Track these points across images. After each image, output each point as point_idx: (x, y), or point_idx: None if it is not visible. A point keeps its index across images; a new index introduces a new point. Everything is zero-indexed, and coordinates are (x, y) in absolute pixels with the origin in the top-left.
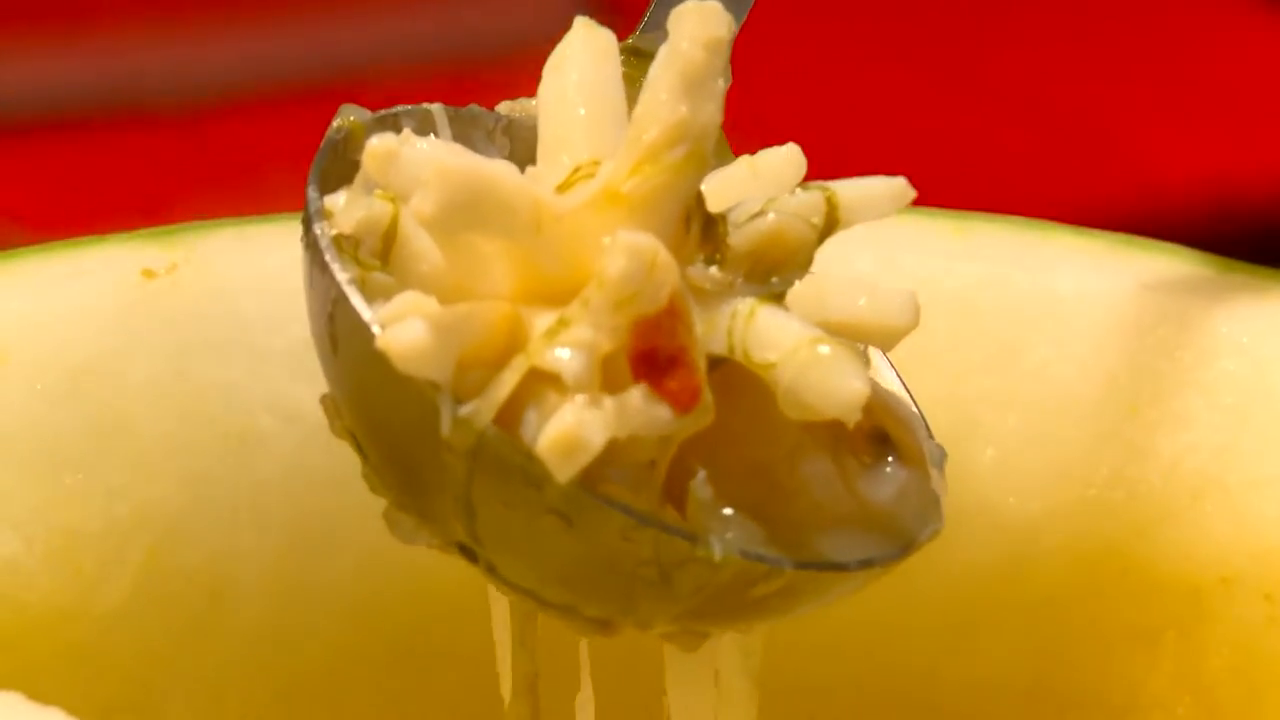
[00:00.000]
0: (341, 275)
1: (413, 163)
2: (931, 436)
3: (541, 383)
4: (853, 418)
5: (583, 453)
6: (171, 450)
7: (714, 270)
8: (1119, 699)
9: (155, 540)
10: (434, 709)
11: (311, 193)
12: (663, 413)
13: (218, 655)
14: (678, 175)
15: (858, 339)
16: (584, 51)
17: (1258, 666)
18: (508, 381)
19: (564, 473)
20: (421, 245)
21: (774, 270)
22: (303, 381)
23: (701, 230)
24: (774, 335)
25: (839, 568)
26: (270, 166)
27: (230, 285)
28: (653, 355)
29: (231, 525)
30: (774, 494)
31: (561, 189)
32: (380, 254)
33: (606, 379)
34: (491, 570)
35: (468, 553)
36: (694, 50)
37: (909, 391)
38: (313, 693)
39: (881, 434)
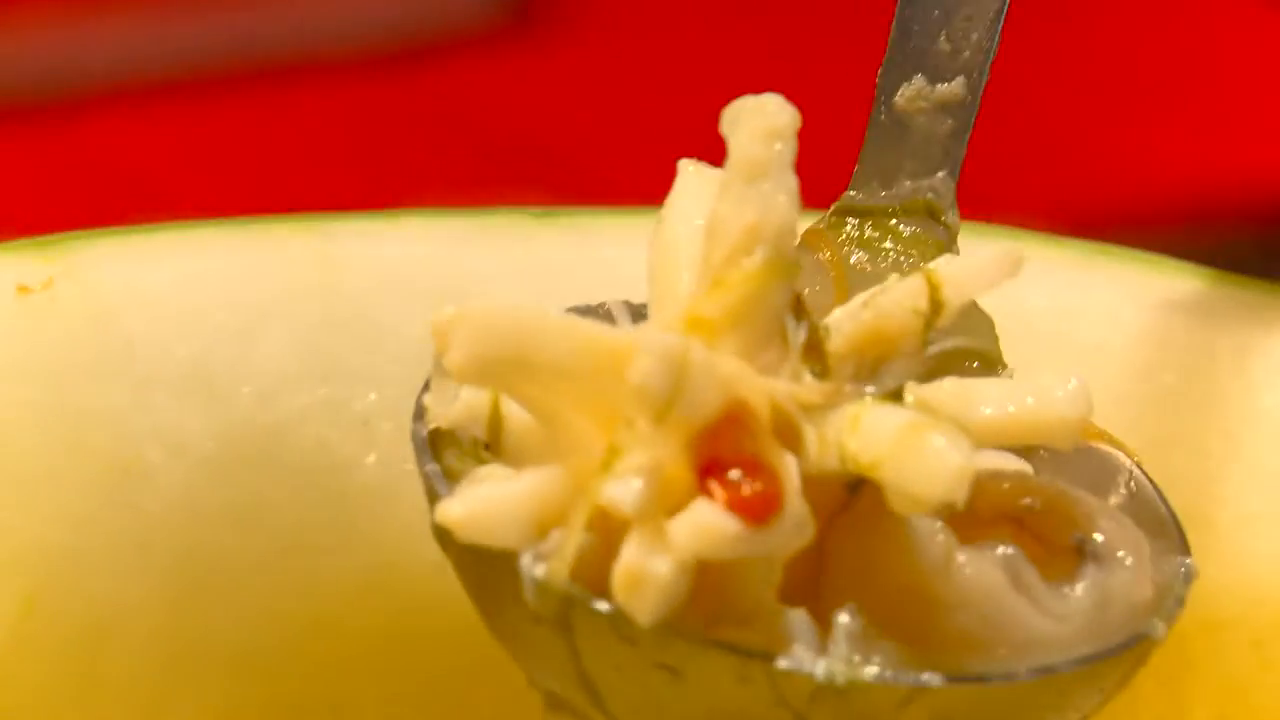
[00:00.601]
0: (429, 467)
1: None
2: (1187, 551)
3: (618, 523)
4: (957, 497)
5: (652, 588)
6: (49, 485)
7: (816, 380)
8: None
9: (33, 584)
10: None
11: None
12: (732, 526)
13: (98, 711)
14: (759, 284)
15: (1026, 440)
16: (688, 199)
17: (1245, 719)
18: (575, 527)
19: (645, 616)
20: (524, 422)
21: (882, 368)
22: (192, 409)
23: (806, 340)
24: (878, 431)
25: (1006, 679)
26: (158, 169)
27: (113, 302)
28: (719, 468)
29: (115, 567)
30: (930, 611)
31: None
32: (493, 443)
33: (682, 503)
34: None
35: None
36: (753, 147)
37: (1165, 502)
38: None
39: (1082, 544)
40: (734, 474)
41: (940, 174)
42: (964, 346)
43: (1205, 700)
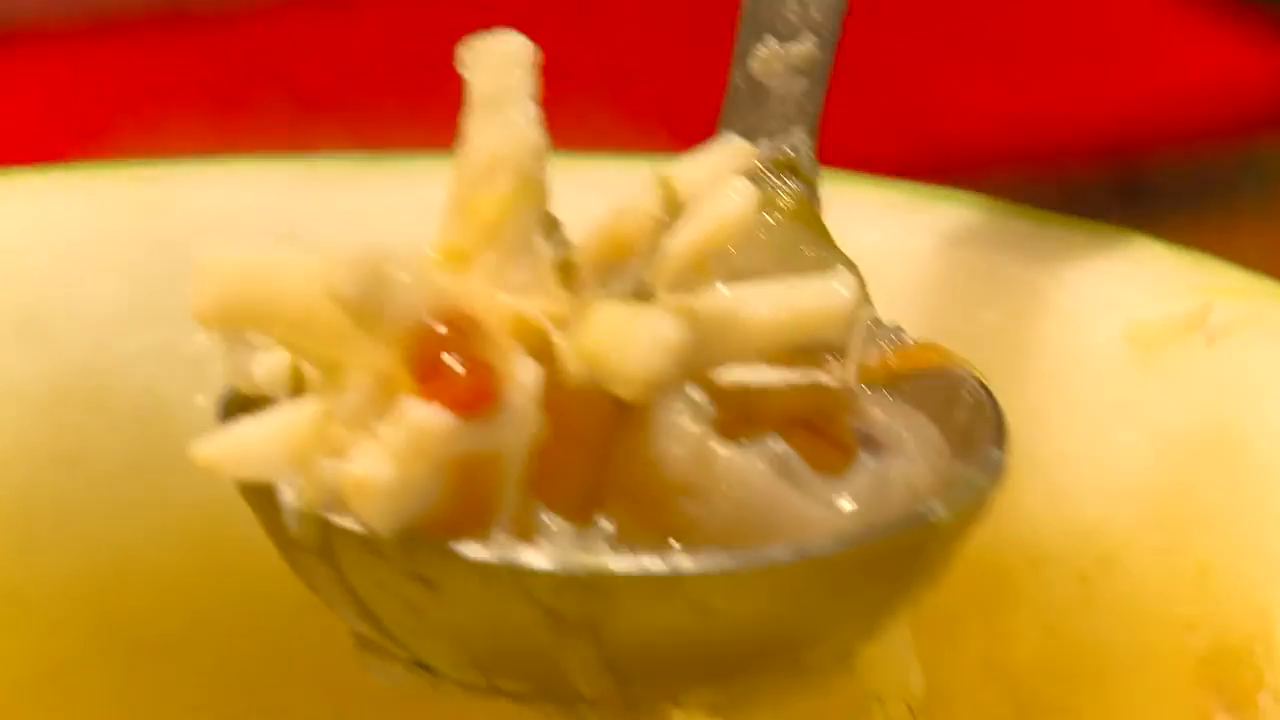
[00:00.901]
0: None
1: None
2: (999, 445)
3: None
4: (669, 370)
5: (378, 494)
6: None
7: (568, 294)
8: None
9: None
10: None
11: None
12: (441, 419)
13: None
14: (505, 209)
15: (803, 336)
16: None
17: (1070, 652)
18: (315, 449)
19: (380, 524)
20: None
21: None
22: (21, 354)
23: (557, 259)
24: (600, 325)
25: (763, 562)
26: None
27: None
28: (438, 373)
29: None
30: (693, 505)
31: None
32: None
33: None
34: (436, 672)
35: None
36: (490, 78)
37: (996, 408)
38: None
39: (865, 437)
40: (448, 373)
41: (797, 131)
42: None
43: (1030, 632)
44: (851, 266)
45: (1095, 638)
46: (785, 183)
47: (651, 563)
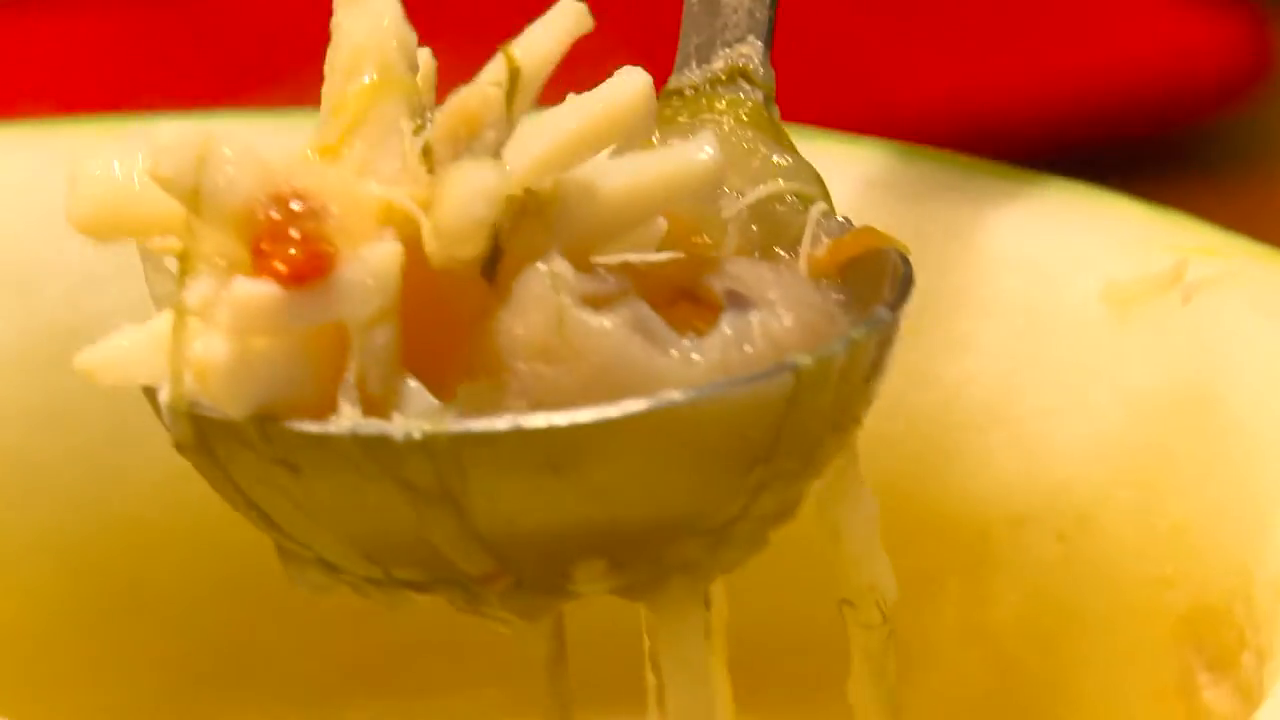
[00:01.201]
0: None
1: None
2: (894, 307)
3: None
4: (488, 214)
5: (219, 375)
6: None
7: (430, 177)
8: (899, 651)
9: None
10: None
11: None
12: (267, 291)
13: None
14: (369, 101)
15: (668, 201)
16: None
17: (1050, 613)
18: (170, 347)
19: (230, 405)
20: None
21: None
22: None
23: (421, 146)
24: (437, 189)
25: (616, 412)
26: None
27: None
28: (269, 250)
29: None
30: (551, 368)
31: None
32: None
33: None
34: (340, 570)
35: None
36: None
37: (907, 265)
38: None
39: (730, 295)
40: (278, 248)
41: (750, 39)
42: (784, 189)
43: (1009, 594)
44: (810, 168)
45: (1075, 599)
46: (740, 89)
47: (489, 421)
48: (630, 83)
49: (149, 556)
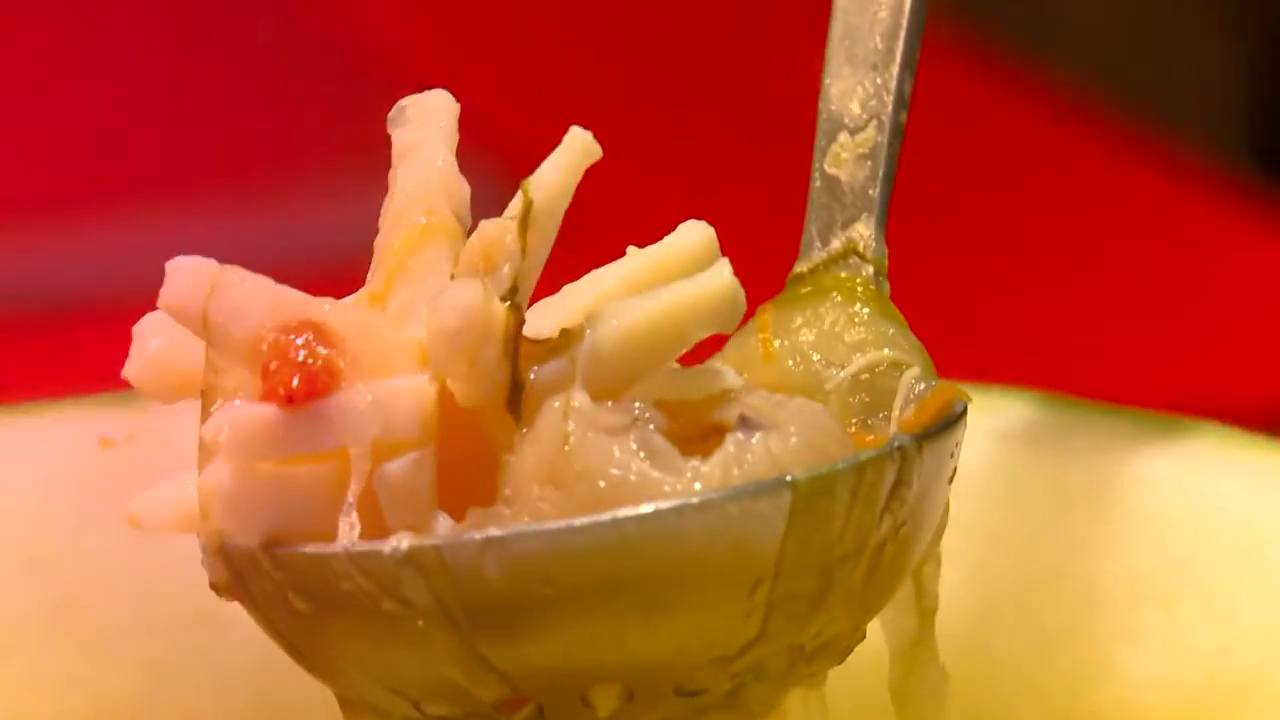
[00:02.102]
0: None
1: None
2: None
3: None
4: (467, 325)
5: (217, 500)
6: (127, 632)
7: None
8: None
9: None
10: None
11: None
12: (264, 413)
13: None
14: (414, 245)
15: (688, 326)
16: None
17: None
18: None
19: (241, 530)
20: None
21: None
22: None
23: None
24: None
25: (600, 522)
26: None
27: (190, 456)
28: (273, 376)
29: (193, 716)
30: (558, 487)
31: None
32: None
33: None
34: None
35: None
36: (408, 131)
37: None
38: None
39: (741, 420)
40: (280, 371)
41: (864, 216)
42: (884, 359)
43: None
44: (912, 340)
45: None
46: (851, 266)
47: (469, 533)
48: (721, 274)
49: None
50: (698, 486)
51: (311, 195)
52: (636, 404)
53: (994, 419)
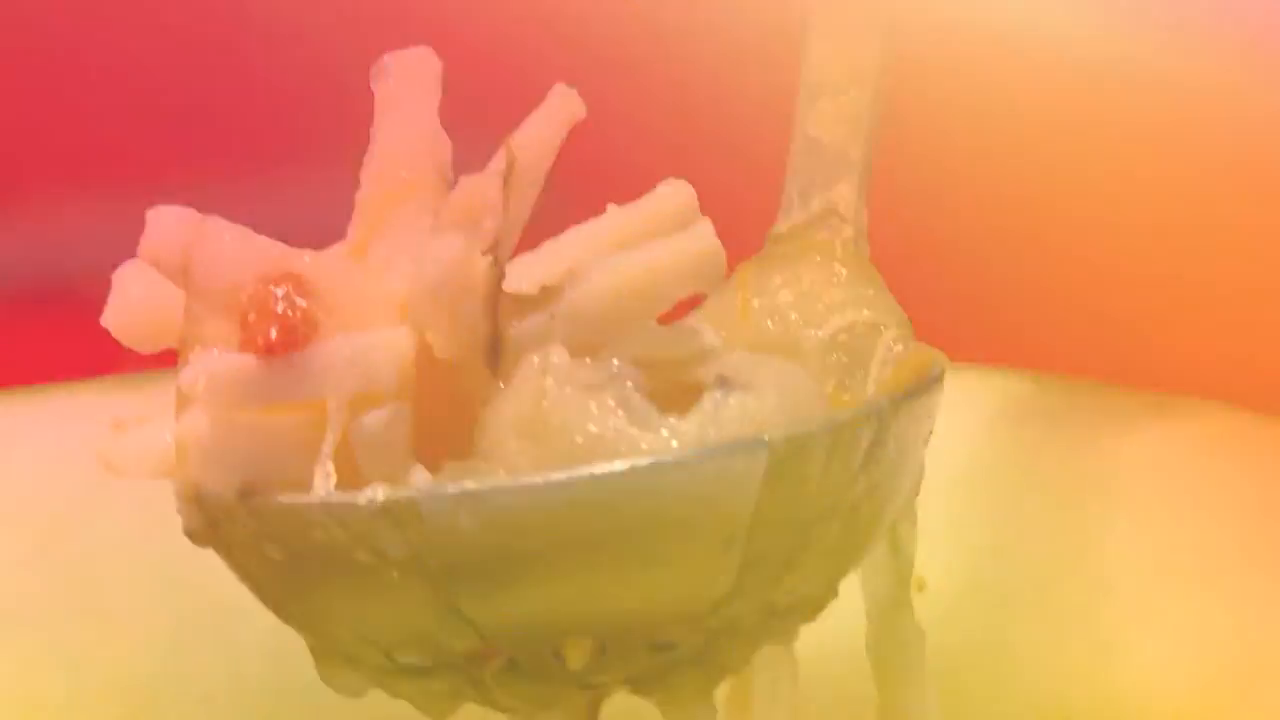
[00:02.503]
0: None
1: None
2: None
3: None
4: (427, 287)
5: (199, 448)
6: (144, 616)
7: None
8: None
9: (124, 713)
10: None
11: None
12: (239, 362)
13: None
14: (392, 204)
15: (671, 285)
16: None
17: None
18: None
19: (218, 479)
20: None
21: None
22: None
23: None
24: None
25: (573, 477)
26: None
27: None
28: (251, 326)
29: (208, 699)
30: (535, 444)
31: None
32: None
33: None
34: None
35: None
36: (389, 87)
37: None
38: None
39: (719, 380)
40: (258, 322)
41: (846, 177)
42: (865, 319)
43: None
44: (890, 301)
45: None
46: (831, 226)
47: (441, 485)
48: (703, 235)
49: None
50: (674, 444)
51: (311, 181)
52: (615, 361)
53: (1004, 400)
